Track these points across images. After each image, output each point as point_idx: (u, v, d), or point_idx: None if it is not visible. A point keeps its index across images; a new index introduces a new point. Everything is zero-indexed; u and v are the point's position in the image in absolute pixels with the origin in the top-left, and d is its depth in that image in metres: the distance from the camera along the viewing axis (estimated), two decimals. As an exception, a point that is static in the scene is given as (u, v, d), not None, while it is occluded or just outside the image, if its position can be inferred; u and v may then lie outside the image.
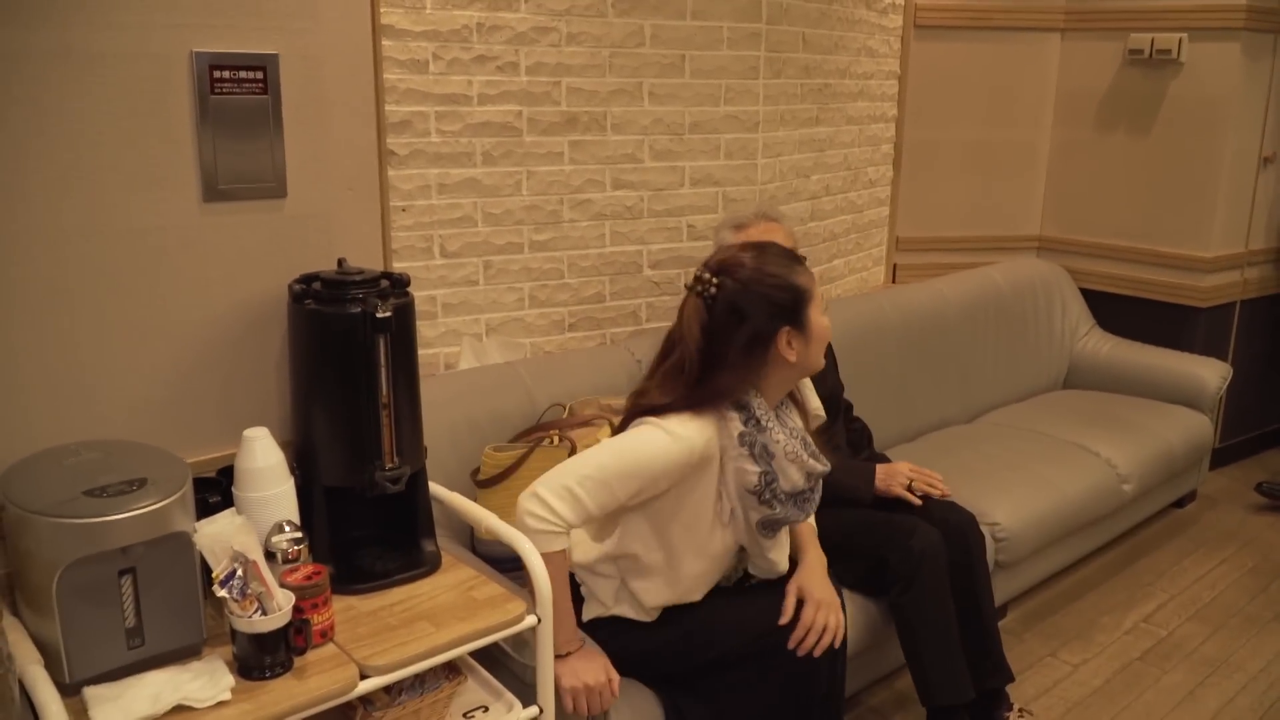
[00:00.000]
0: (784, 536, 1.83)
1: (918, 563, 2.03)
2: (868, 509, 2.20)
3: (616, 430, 1.75)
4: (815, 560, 1.87)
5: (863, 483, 2.23)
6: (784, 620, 1.75)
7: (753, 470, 1.67)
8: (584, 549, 1.77)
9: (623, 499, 1.63)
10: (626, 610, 1.76)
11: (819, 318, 1.70)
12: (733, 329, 1.64)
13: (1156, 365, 3.42)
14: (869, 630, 2.14)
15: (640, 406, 1.68)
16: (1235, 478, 3.69)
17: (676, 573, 1.73)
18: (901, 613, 2.07)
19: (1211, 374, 3.33)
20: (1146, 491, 3.02)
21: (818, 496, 1.77)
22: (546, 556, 1.56)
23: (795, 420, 1.79)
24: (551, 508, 1.57)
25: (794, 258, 1.72)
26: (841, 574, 2.15)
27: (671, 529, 1.71)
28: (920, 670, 2.06)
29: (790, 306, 1.67)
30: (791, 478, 1.69)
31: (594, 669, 1.66)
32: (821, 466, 1.73)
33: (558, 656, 1.62)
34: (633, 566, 1.74)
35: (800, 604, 1.77)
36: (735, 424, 1.66)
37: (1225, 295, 3.57)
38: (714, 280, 1.66)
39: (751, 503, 1.69)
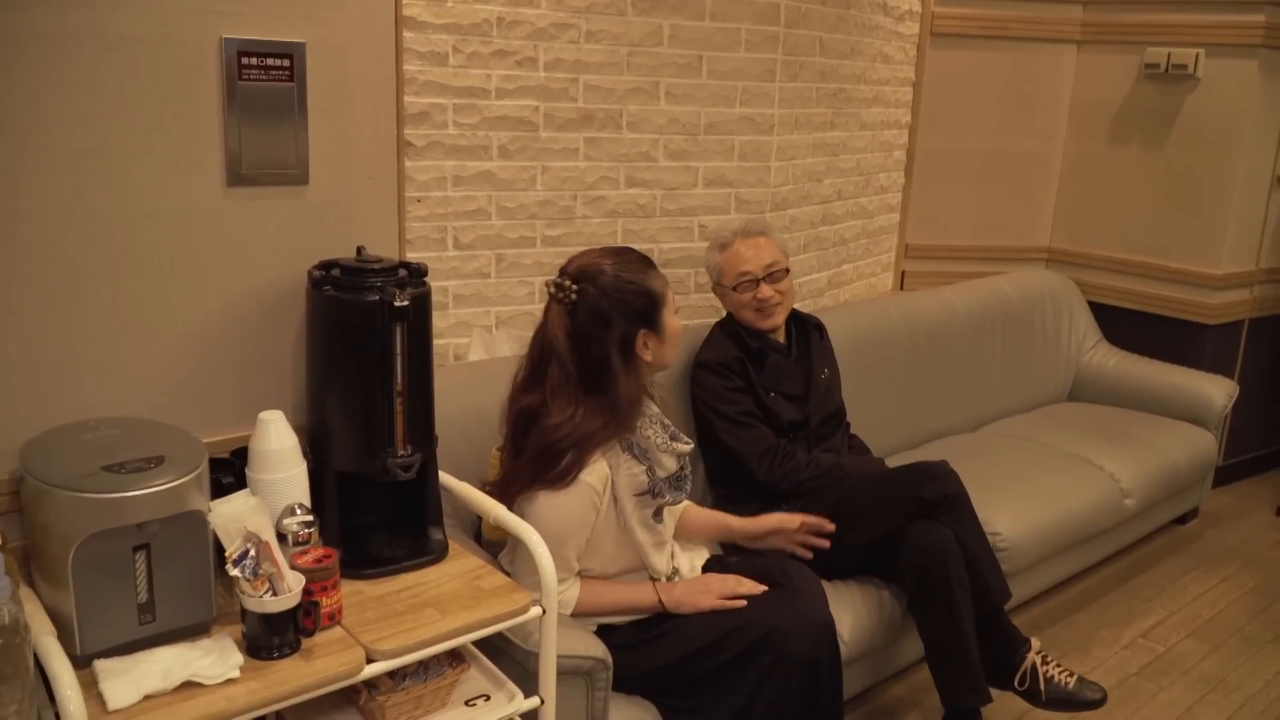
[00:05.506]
0: (669, 535, 1.91)
1: (937, 556, 2.09)
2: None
3: (525, 445, 1.76)
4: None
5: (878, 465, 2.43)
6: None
7: (639, 470, 1.76)
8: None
9: (581, 542, 1.75)
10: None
11: (672, 319, 1.81)
12: (599, 335, 1.72)
13: (1163, 381, 3.42)
14: (885, 628, 2.20)
15: (569, 435, 1.70)
16: (1238, 496, 3.70)
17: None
18: (921, 611, 2.14)
19: (1218, 391, 3.33)
20: (1149, 507, 3.03)
21: (689, 474, 1.87)
22: (580, 604, 1.77)
23: (651, 408, 1.86)
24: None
25: (649, 262, 1.80)
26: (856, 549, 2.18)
27: (591, 566, 1.81)
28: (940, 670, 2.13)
29: (646, 310, 1.76)
30: (666, 465, 1.80)
31: (696, 592, 1.80)
32: (685, 446, 1.83)
33: (675, 613, 1.80)
34: None
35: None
36: None
37: (1234, 313, 3.58)
38: (574, 287, 1.73)
39: (644, 501, 1.78)
